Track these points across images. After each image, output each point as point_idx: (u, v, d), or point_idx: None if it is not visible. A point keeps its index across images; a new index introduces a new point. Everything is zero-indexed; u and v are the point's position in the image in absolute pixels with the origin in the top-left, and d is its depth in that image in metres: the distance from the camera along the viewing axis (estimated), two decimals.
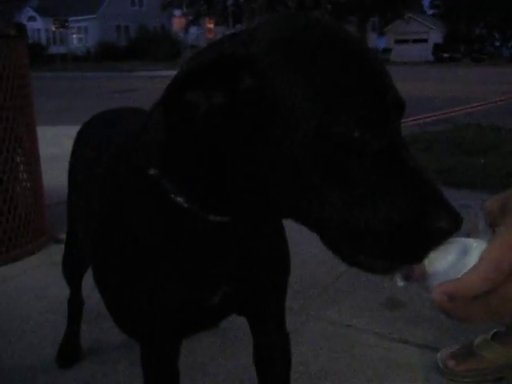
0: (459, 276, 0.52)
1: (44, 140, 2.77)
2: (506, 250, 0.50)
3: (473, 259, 0.52)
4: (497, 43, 49.97)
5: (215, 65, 0.58)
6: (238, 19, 39.41)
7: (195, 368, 1.54)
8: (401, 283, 0.58)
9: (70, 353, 1.61)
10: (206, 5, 38.01)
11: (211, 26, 37.12)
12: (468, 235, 0.56)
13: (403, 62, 35.88)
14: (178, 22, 39.83)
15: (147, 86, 12.55)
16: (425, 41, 43.22)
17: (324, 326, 1.79)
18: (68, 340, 1.62)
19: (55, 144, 5.03)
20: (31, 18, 46.88)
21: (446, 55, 38.59)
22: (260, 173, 0.60)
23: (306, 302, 1.95)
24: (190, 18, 39.42)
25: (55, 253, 2.51)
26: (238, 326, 1.02)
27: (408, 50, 42.30)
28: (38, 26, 46.36)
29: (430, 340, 1.68)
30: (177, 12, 40.59)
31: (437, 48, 40.01)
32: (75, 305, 1.62)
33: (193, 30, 41.45)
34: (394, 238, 0.55)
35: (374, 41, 49.44)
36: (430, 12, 57.55)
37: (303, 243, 2.45)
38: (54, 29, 32.36)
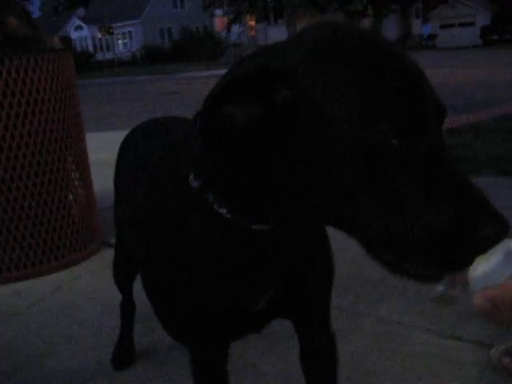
0: (502, 280, 0.51)
1: (94, 146, 2.86)
2: None
3: None
4: None
5: (252, 78, 0.59)
6: (279, 15, 39.34)
7: (246, 368, 1.57)
8: (440, 288, 0.58)
9: (124, 355, 1.66)
10: (247, 2, 38.09)
11: (253, 23, 37.23)
12: None
13: (450, 48, 35.04)
14: (219, 22, 40.12)
15: (191, 86, 12.70)
16: (471, 24, 41.95)
17: (374, 323, 1.78)
18: (122, 342, 1.68)
19: (104, 149, 5.14)
20: (78, 27, 48.22)
21: (494, 37, 37.37)
22: (299, 182, 0.61)
23: (355, 299, 1.94)
24: (231, 16, 39.62)
25: (108, 257, 2.58)
26: (286, 326, 1.03)
27: (454, 35, 41.16)
28: (84, 35, 47.63)
29: (483, 336, 1.65)
30: (218, 11, 40.86)
31: (485, 30, 38.79)
32: (127, 308, 1.67)
33: (234, 28, 41.64)
34: (437, 246, 0.55)
35: (419, 27, 48.39)
36: None
37: (351, 240, 2.45)
38: (100, 36, 33.21)
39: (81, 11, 49.97)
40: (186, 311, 0.83)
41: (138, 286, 1.62)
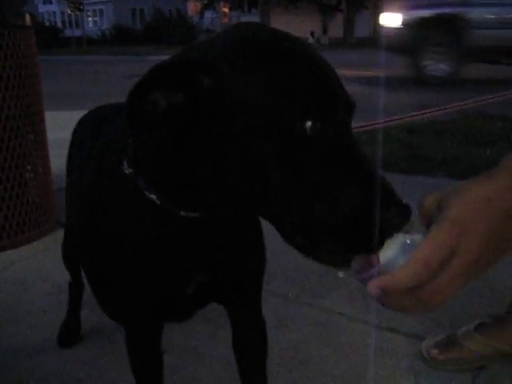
0: (395, 270, 0.57)
1: (54, 124, 2.84)
2: (433, 249, 0.55)
3: (410, 255, 0.57)
4: None
5: (175, 67, 0.63)
6: (253, 4, 39.17)
7: (188, 351, 1.61)
8: (342, 275, 0.62)
9: (70, 334, 1.69)
10: None
11: (226, 10, 36.92)
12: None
13: None
14: (193, 6, 39.71)
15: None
16: None
17: (317, 313, 1.85)
18: (69, 321, 1.70)
19: (65, 128, 5.07)
20: (47, 1, 47.04)
21: None
22: (221, 166, 0.65)
23: (301, 290, 2.01)
24: (205, 2, 39.24)
25: (61, 237, 2.59)
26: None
27: None
28: (53, 9, 46.54)
29: (417, 329, 1.73)
30: None
31: None
32: (75, 288, 1.69)
33: (208, 14, 41.27)
34: (346, 231, 0.59)
35: None
36: None
37: None
38: (69, 12, 32.43)
39: None
40: (117, 291, 0.87)
41: None
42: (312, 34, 41.16)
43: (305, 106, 0.60)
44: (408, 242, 0.58)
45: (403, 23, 8.31)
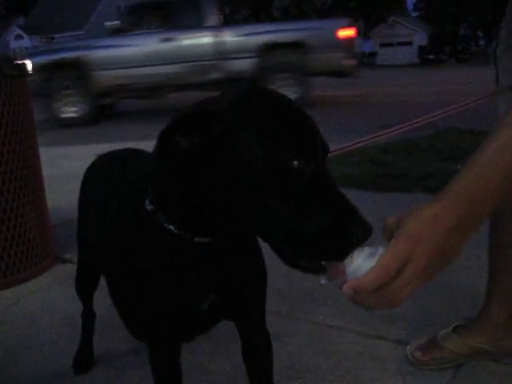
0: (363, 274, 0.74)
1: (44, 161, 2.96)
2: (392, 257, 0.72)
3: (374, 263, 0.74)
4: (481, 42, 50.53)
5: (193, 116, 0.82)
6: None
7: (195, 367, 1.76)
8: (323, 281, 0.79)
9: (84, 361, 1.82)
10: None
11: None
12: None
13: (389, 66, 36.24)
14: None
15: (132, 101, 12.71)
16: (409, 43, 43.63)
17: (309, 327, 2.01)
18: (83, 349, 1.83)
19: (53, 165, 5.23)
20: (18, 37, 47.05)
21: (431, 57, 39.01)
22: (228, 197, 0.83)
23: (292, 306, 2.17)
24: None
25: (61, 272, 2.72)
26: (231, 329, 1.23)
27: (393, 53, 42.71)
28: (25, 44, 46.47)
29: (402, 336, 1.90)
30: None
31: (421, 50, 40.47)
32: (88, 317, 1.83)
33: None
34: (322, 244, 0.77)
35: (360, 45, 49.89)
36: (414, 14, 58.06)
37: None
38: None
39: (21, 20, 48.80)
40: (144, 313, 1.03)
41: (95, 298, 1.80)
42: None
43: (293, 149, 0.79)
44: (373, 252, 0.75)
45: (33, 69, 8.66)
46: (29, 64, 8.43)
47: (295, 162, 0.78)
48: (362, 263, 0.74)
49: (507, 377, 1.65)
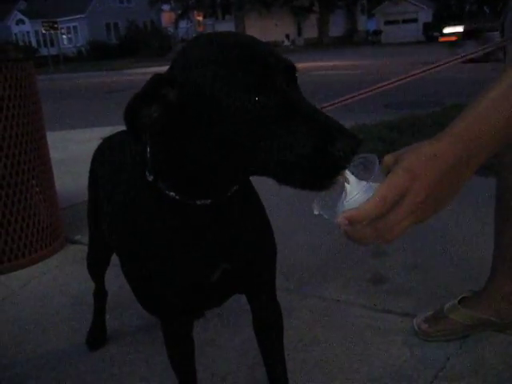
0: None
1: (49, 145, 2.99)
2: (389, 188, 0.71)
3: (370, 195, 0.72)
4: (488, 18, 49.92)
5: (148, 86, 0.83)
6: (226, 10, 39.37)
7: (206, 342, 1.79)
8: (316, 212, 0.76)
9: (97, 337, 1.86)
10: None
11: (200, 18, 37.15)
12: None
13: (394, 44, 35.90)
14: (166, 17, 39.87)
15: (138, 84, 12.71)
16: (415, 20, 43.11)
17: (317, 302, 2.04)
18: (95, 326, 1.88)
19: (59, 149, 5.26)
20: (20, 22, 46.90)
21: (436, 34, 38.54)
22: (210, 148, 0.84)
23: (300, 282, 2.20)
24: (179, 12, 39.42)
25: (71, 252, 2.77)
26: (240, 306, 1.26)
27: (398, 31, 42.24)
28: (27, 29, 46.35)
29: (408, 309, 1.93)
30: (165, 7, 40.60)
31: (427, 27, 39.98)
32: (100, 295, 1.87)
33: (182, 24, 41.48)
34: (314, 162, 0.75)
35: (365, 23, 49.38)
36: None
37: (297, 232, 2.70)
38: (43, 31, 32.39)
39: (22, 4, 48.55)
40: (155, 283, 1.04)
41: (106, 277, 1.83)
42: (287, 36, 41.47)
43: (246, 86, 0.78)
44: (371, 186, 0.73)
45: None
46: None
47: (255, 97, 0.78)
48: (358, 195, 0.72)
49: (511, 346, 1.67)
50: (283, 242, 1.07)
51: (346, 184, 0.75)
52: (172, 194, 0.95)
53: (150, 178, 0.97)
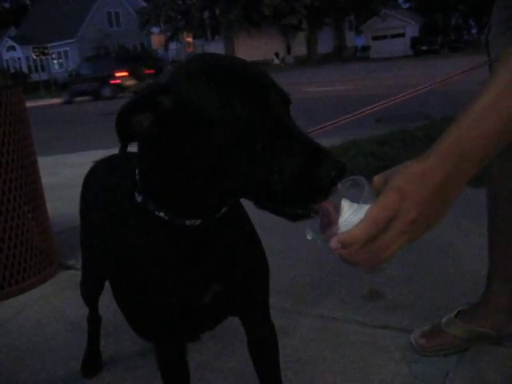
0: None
1: (43, 170, 2.98)
2: (380, 209, 0.71)
3: (361, 217, 0.71)
4: (474, 31, 50.51)
5: (143, 95, 0.83)
6: (215, 31, 39.71)
7: (203, 366, 1.78)
8: (309, 237, 0.76)
9: (92, 364, 1.84)
10: (183, 20, 38.29)
11: (190, 39, 37.40)
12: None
13: (383, 58, 36.23)
14: (156, 40, 40.12)
15: None
16: (402, 35, 43.60)
17: (313, 320, 2.03)
18: (90, 353, 1.85)
19: (52, 173, 5.26)
20: (10, 48, 47.06)
21: (424, 48, 38.97)
22: (199, 165, 0.83)
23: (296, 301, 2.19)
24: (168, 34, 39.71)
25: (65, 279, 2.74)
26: (235, 327, 1.25)
27: (386, 46, 42.68)
28: (17, 55, 46.51)
29: (405, 324, 1.92)
30: (155, 29, 40.87)
31: (414, 41, 40.43)
32: (94, 321, 1.85)
33: (172, 45, 41.78)
34: (298, 190, 0.76)
35: (353, 39, 49.90)
36: (405, 6, 58.02)
37: (293, 249, 2.69)
38: (34, 57, 32.52)
39: (12, 31, 48.82)
40: (146, 307, 1.03)
41: (100, 304, 1.82)
42: (277, 54, 41.81)
43: (239, 102, 0.79)
44: (361, 207, 0.73)
45: None
46: None
47: (249, 114, 0.78)
48: (349, 217, 0.72)
49: (510, 359, 1.66)
50: (278, 260, 1.06)
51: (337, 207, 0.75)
52: (161, 214, 0.94)
53: (139, 199, 0.96)
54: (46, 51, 31.21)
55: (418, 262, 2.41)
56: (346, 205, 0.74)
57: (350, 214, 0.73)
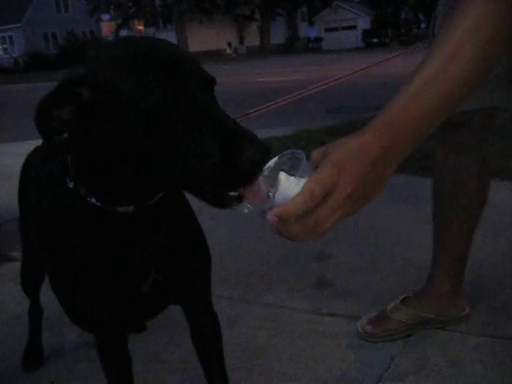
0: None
1: None
2: (317, 182, 0.70)
3: (298, 190, 0.70)
4: (423, 25, 51.63)
5: (62, 88, 0.80)
6: (167, 19, 39.19)
7: (149, 356, 1.75)
8: (246, 210, 0.74)
9: (34, 357, 1.78)
10: (135, 7, 37.61)
11: (141, 28, 36.81)
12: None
13: (335, 50, 36.59)
14: (106, 27, 39.29)
15: None
16: (354, 27, 44.08)
17: (261, 309, 2.03)
18: (31, 346, 1.79)
19: None
20: None
21: (375, 40, 39.53)
22: (123, 152, 0.80)
23: (244, 290, 2.18)
24: (119, 21, 38.94)
25: (8, 271, 2.64)
26: (183, 317, 1.22)
27: (339, 38, 43.07)
28: None
29: (353, 311, 1.94)
30: (105, 16, 40.01)
31: (365, 34, 40.96)
32: (35, 313, 1.79)
33: (123, 33, 40.94)
34: (219, 174, 0.73)
35: (306, 30, 50.16)
36: None
37: (241, 238, 2.68)
38: None
39: None
40: (81, 296, 1.00)
41: (43, 295, 1.76)
42: (229, 44, 41.65)
43: (154, 86, 0.75)
44: (298, 181, 0.71)
45: None
46: None
47: (163, 98, 0.75)
48: (286, 190, 0.71)
49: (452, 343, 1.71)
50: (226, 249, 1.04)
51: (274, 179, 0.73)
52: (93, 200, 0.91)
53: (71, 185, 0.93)
54: None
55: (365, 251, 2.44)
56: (283, 178, 0.72)
57: (287, 188, 0.71)
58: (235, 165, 0.71)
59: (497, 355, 1.64)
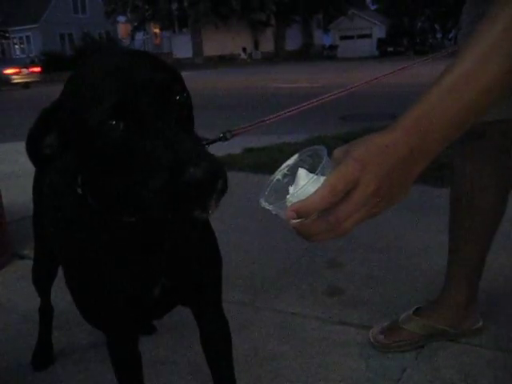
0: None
1: None
2: (339, 177, 0.67)
3: (318, 186, 0.67)
4: (438, 35, 51.45)
5: (45, 116, 0.82)
6: (183, 23, 39.34)
7: (160, 360, 1.74)
8: (263, 205, 0.70)
9: (43, 356, 1.78)
10: (151, 10, 37.79)
11: (157, 30, 36.97)
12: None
13: (349, 58, 36.56)
14: (123, 28, 39.51)
15: None
16: (369, 36, 44.01)
17: (272, 315, 2.01)
18: (41, 344, 1.79)
19: (8, 161, 5.10)
20: None
21: (389, 49, 39.44)
22: (94, 171, 0.83)
23: (256, 295, 2.17)
24: (135, 23, 39.14)
25: (19, 268, 2.65)
26: (192, 321, 1.22)
27: (353, 46, 43.02)
28: None
29: (364, 320, 1.92)
30: (121, 18, 40.24)
31: (380, 43, 40.87)
32: (46, 312, 1.79)
33: (139, 35, 41.20)
34: (172, 195, 0.70)
35: (321, 38, 50.15)
36: (373, 7, 58.65)
37: (253, 243, 2.67)
38: None
39: None
40: (94, 296, 1.01)
41: (53, 294, 1.76)
42: (244, 49, 41.74)
43: (109, 109, 0.74)
44: (318, 178, 0.68)
45: None
46: None
47: (112, 122, 0.74)
48: (305, 186, 0.67)
49: (465, 356, 1.68)
50: (237, 254, 1.03)
51: (294, 177, 0.71)
52: (100, 208, 0.92)
53: (80, 191, 0.94)
54: (7, 35, 30.34)
55: (378, 260, 2.42)
56: (302, 174, 0.69)
57: (306, 183, 0.68)
58: (184, 186, 0.69)
59: (510, 369, 1.61)
